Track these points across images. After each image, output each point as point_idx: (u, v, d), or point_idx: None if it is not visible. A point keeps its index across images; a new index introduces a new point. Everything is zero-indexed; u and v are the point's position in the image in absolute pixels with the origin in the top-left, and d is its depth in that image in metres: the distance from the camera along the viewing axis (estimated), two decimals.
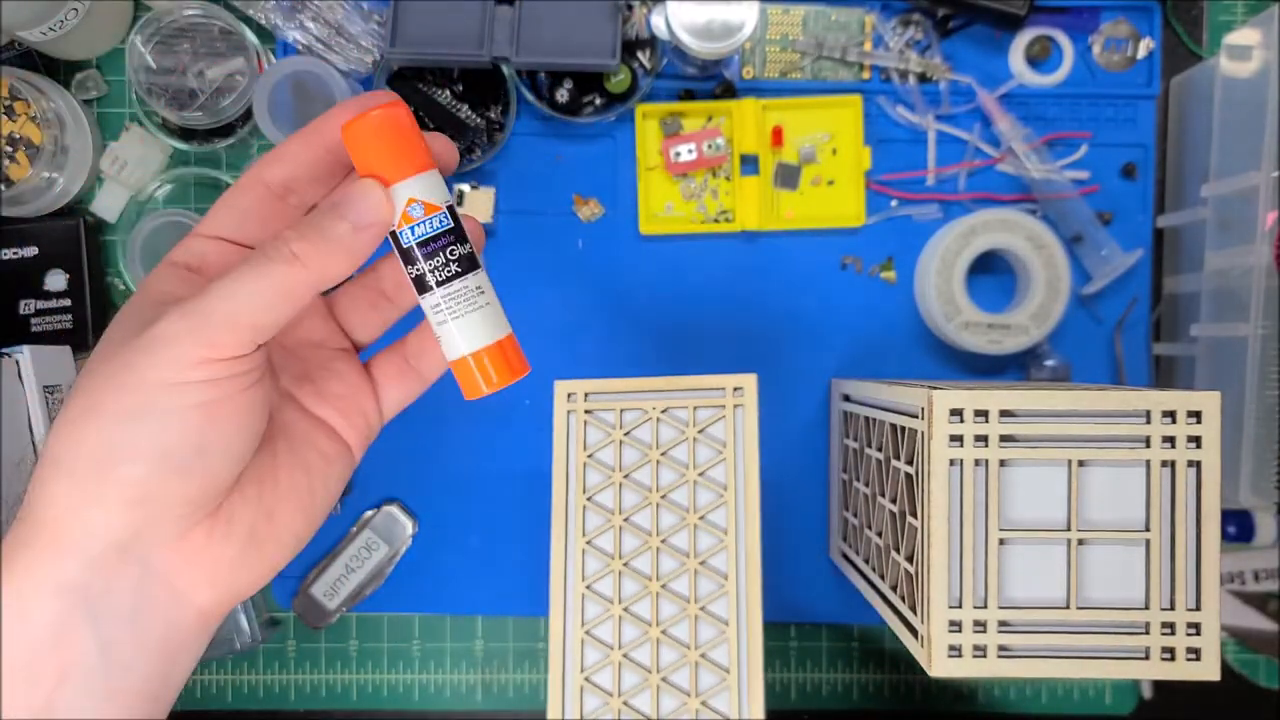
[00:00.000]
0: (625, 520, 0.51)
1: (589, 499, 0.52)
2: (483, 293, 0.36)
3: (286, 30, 0.73)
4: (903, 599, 0.56)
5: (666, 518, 0.51)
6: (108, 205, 0.76)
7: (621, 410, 0.52)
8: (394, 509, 0.76)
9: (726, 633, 0.50)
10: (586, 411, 0.53)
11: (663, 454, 0.52)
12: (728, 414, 0.52)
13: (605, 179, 0.76)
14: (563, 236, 0.77)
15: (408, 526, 0.76)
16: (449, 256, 0.35)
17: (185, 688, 0.79)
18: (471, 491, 0.77)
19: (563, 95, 0.74)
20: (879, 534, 0.62)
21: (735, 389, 0.52)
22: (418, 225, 0.34)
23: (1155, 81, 0.76)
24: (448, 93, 0.73)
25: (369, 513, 0.76)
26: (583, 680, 0.50)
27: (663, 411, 0.52)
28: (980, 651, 0.50)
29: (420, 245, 0.35)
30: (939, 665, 0.50)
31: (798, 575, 0.77)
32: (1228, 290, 0.69)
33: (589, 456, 0.52)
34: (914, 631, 0.53)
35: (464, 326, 0.35)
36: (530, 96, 0.74)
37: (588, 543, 0.52)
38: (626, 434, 0.52)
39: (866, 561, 0.66)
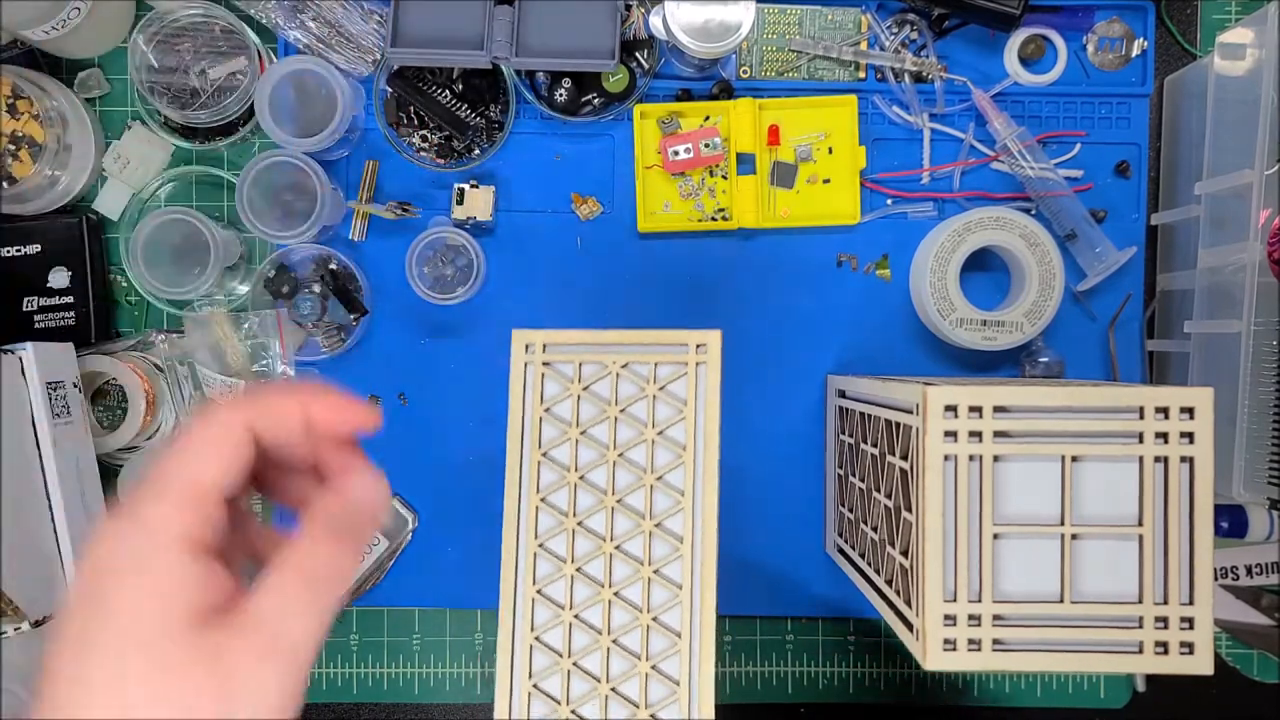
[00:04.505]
0: (581, 478, 0.49)
1: (544, 454, 0.50)
2: None
3: (288, 30, 0.73)
4: (898, 593, 0.56)
5: (623, 476, 0.50)
6: (110, 203, 0.77)
7: (581, 363, 0.50)
8: (394, 504, 0.77)
9: (680, 597, 0.48)
10: (544, 363, 0.50)
11: (621, 410, 0.50)
12: (690, 371, 0.50)
13: (604, 178, 0.77)
14: (562, 234, 0.77)
15: (408, 521, 0.77)
16: None
17: None
18: (471, 486, 0.77)
19: (561, 95, 0.74)
20: (874, 529, 0.62)
21: (699, 345, 0.50)
22: None
23: (1149, 80, 0.76)
24: (448, 93, 0.74)
25: None
26: (533, 639, 0.48)
27: (623, 366, 0.50)
28: (974, 645, 0.50)
29: None
30: (933, 659, 0.50)
31: (794, 569, 0.77)
32: (1221, 287, 0.69)
33: (545, 410, 0.50)
34: (909, 625, 0.53)
35: None
36: (529, 96, 0.75)
37: (541, 500, 0.49)
38: (585, 388, 0.50)
39: (862, 556, 0.66)
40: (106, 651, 0.29)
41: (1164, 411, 0.50)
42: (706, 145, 0.74)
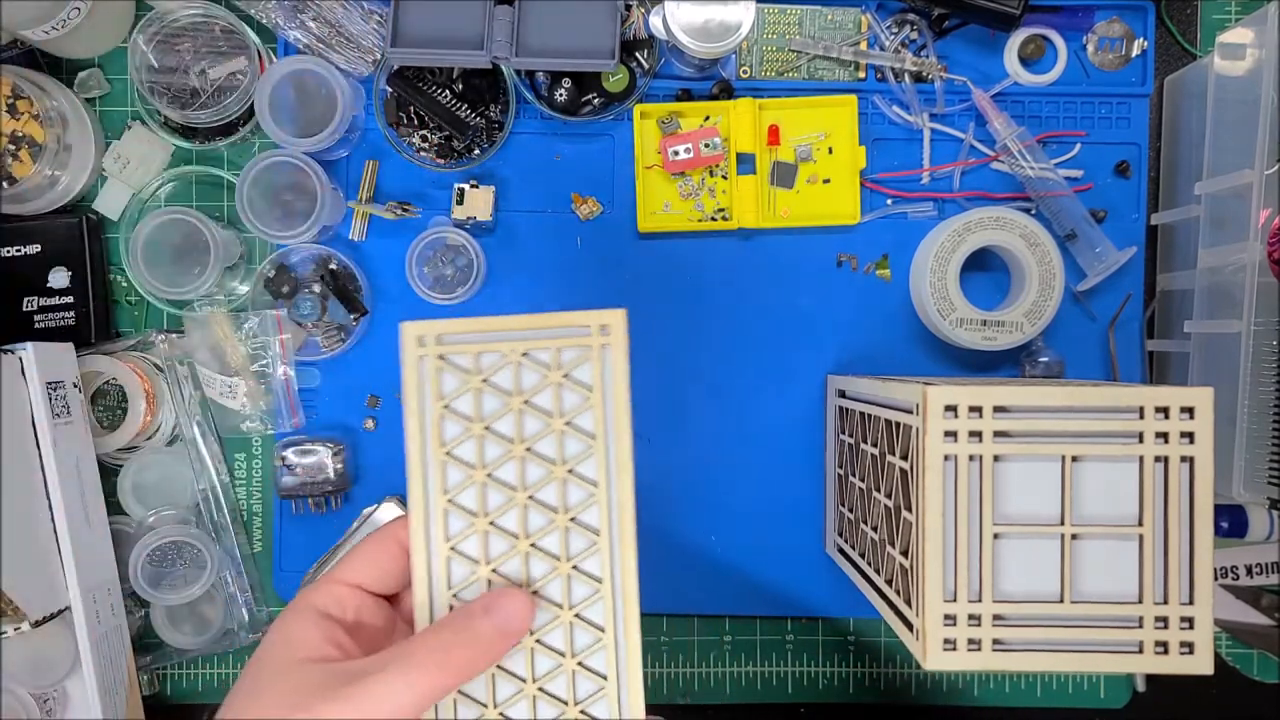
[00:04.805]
0: (489, 475, 0.47)
1: (448, 453, 0.47)
2: None
3: (288, 29, 0.73)
4: (898, 593, 0.56)
5: (533, 470, 0.47)
6: (110, 203, 0.77)
7: (479, 353, 0.48)
8: (394, 504, 0.77)
9: (601, 590, 0.46)
10: (440, 356, 0.48)
11: (525, 401, 0.47)
12: (594, 355, 0.47)
13: (604, 178, 0.77)
14: (562, 235, 0.77)
15: None
16: None
17: (187, 682, 0.79)
18: None
19: (561, 95, 0.74)
20: (874, 528, 0.62)
21: (602, 327, 0.47)
22: None
23: (1149, 80, 0.76)
24: (448, 93, 0.74)
25: (369, 508, 0.77)
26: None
27: (523, 354, 0.47)
28: (974, 645, 0.50)
29: None
30: (933, 659, 0.50)
31: (794, 570, 0.77)
32: (1221, 287, 0.69)
33: (445, 406, 0.48)
34: (909, 625, 0.53)
35: None
36: (529, 96, 0.75)
37: (449, 501, 0.47)
38: (485, 380, 0.47)
39: (862, 556, 0.66)
40: (249, 668, 0.41)
41: (1164, 411, 0.50)
42: (706, 145, 0.74)
